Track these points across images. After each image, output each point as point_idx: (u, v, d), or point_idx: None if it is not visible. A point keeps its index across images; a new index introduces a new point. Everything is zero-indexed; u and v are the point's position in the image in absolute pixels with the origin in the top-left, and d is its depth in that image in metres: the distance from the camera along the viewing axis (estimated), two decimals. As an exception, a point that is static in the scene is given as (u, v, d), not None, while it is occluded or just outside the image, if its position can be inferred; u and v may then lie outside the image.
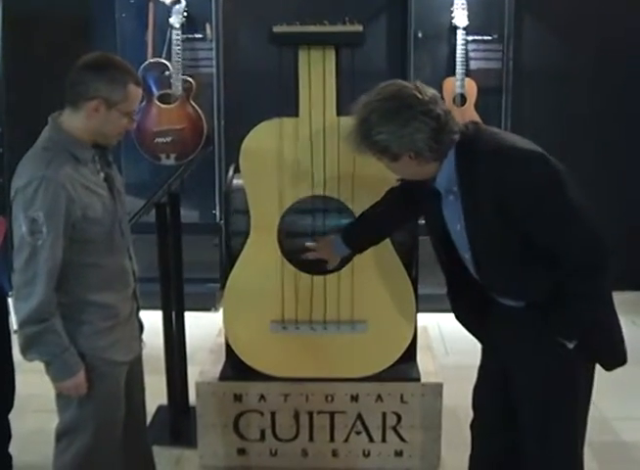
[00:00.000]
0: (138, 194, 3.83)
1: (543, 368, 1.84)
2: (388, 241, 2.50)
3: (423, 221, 2.08)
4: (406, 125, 1.71)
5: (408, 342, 2.59)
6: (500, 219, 1.73)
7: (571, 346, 1.79)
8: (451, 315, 2.04)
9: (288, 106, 2.46)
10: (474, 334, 2.03)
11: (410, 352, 2.64)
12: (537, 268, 1.78)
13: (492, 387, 1.99)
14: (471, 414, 2.10)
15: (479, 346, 2.12)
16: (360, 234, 2.29)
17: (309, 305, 2.54)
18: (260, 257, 2.53)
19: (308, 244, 2.39)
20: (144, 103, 4.17)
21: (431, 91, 1.75)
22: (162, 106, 4.24)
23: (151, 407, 2.67)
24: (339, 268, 2.52)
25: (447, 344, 3.69)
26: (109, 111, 1.87)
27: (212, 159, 4.29)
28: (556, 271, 1.76)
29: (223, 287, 2.59)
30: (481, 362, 2.07)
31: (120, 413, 2.04)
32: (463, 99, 4.16)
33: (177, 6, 4.14)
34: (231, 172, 2.65)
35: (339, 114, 2.43)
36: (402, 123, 1.71)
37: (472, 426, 2.08)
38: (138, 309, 2.11)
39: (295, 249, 2.52)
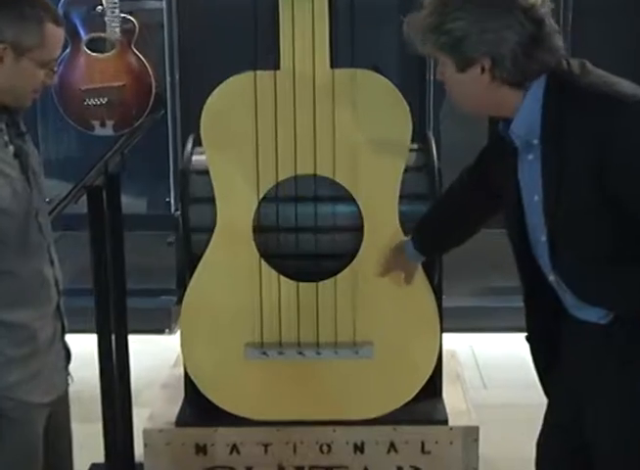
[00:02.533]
0: (63, 175, 3.79)
1: (633, 413, 1.81)
2: (399, 234, 2.52)
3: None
4: (496, 18, 1.71)
5: (430, 371, 2.59)
6: (595, 189, 1.72)
7: None
8: (489, 336, 2.05)
9: (265, 55, 2.47)
10: (538, 369, 2.02)
11: (433, 386, 2.65)
12: (638, 263, 1.76)
13: (563, 442, 1.98)
14: (516, 468, 2.10)
15: (525, 376, 2.12)
16: (437, 233, 2.30)
17: (297, 322, 2.54)
18: (230, 259, 2.53)
19: (383, 269, 2.45)
20: (68, 50, 4.12)
21: None
22: (94, 55, 4.19)
23: (81, 465, 2.65)
24: (335, 272, 2.53)
25: (484, 373, 3.60)
26: (18, 60, 1.84)
27: (164, 127, 4.27)
28: None
29: (181, 300, 2.62)
30: (548, 408, 2.05)
31: (38, 473, 2.00)
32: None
33: None
34: (190, 146, 2.67)
35: (333, 65, 2.44)
36: (492, 14, 1.71)
37: None
38: (64, 332, 2.08)
39: (277, 247, 2.54)
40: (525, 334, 2.00)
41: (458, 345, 3.27)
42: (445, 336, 2.62)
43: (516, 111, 1.78)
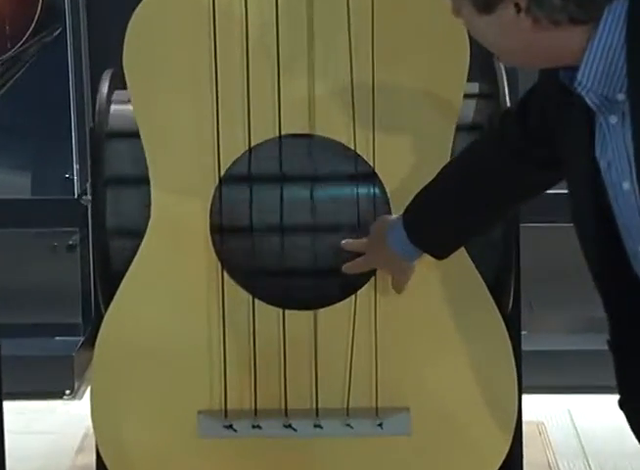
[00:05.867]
0: None
1: None
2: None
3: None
4: None
5: (503, 454, 2.56)
6: None
7: None
8: (599, 399, 2.19)
9: None
10: None
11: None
12: None
13: None
14: None
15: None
16: (443, 217, 2.36)
17: (282, 375, 2.53)
18: (174, 271, 2.55)
19: (347, 241, 2.49)
20: None
21: None
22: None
23: None
24: (345, 295, 2.52)
25: (594, 461, 3.63)
26: None
27: (63, 56, 4.30)
28: None
29: (92, 342, 2.60)
30: None
31: None
32: None
33: None
34: (105, 88, 2.67)
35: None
36: None
37: None
38: None
39: (249, 254, 2.55)
40: (620, 396, 2.05)
41: (549, 413, 3.30)
42: (527, 398, 2.61)
43: (582, 54, 1.80)
